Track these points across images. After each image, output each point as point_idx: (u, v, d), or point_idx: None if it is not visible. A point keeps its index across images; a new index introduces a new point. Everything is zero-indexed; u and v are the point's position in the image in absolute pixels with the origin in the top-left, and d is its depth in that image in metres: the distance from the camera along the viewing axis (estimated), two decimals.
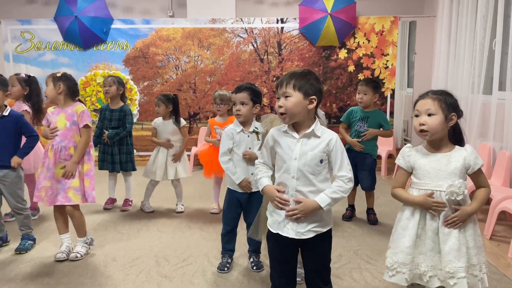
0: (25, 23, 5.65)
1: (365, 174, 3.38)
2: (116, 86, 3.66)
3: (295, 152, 1.66)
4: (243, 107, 2.41)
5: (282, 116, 1.67)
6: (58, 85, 2.64)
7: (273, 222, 1.73)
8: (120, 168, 3.73)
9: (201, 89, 5.79)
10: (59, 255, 2.67)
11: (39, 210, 3.58)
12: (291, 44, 5.70)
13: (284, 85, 1.65)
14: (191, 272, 2.51)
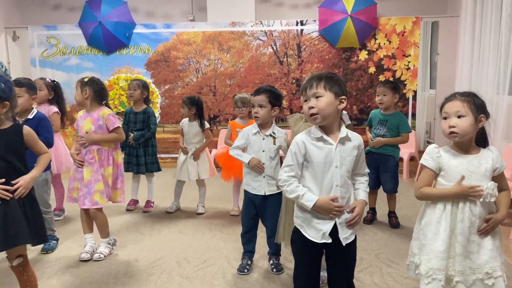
0: (51, 28, 5.82)
1: (387, 176, 3.34)
2: (140, 90, 3.74)
3: (335, 159, 1.65)
4: (261, 109, 2.41)
5: (313, 117, 1.64)
6: (85, 90, 2.70)
7: (316, 233, 1.69)
8: (145, 170, 3.80)
9: (221, 92, 5.83)
10: (84, 255, 2.73)
11: (64, 211, 3.67)
12: (310, 46, 5.69)
13: (314, 86, 1.64)
14: (212, 274, 2.54)
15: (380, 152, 3.34)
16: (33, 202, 1.90)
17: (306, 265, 1.77)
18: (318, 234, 1.69)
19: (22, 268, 1.91)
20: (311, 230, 1.71)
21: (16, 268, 1.90)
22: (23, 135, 1.86)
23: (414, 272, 1.80)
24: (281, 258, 2.61)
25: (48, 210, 2.92)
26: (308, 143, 1.68)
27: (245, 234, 2.58)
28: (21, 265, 1.90)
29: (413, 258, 1.82)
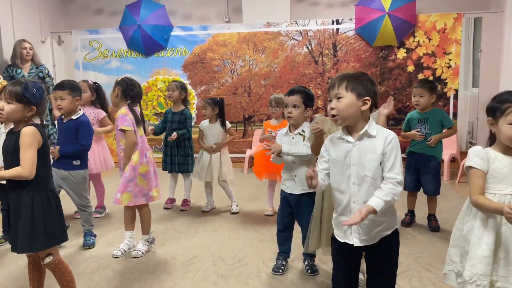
0: (93, 33, 6.05)
1: (429, 177, 3.23)
2: (178, 91, 3.83)
3: (352, 157, 1.61)
4: (295, 109, 2.41)
5: (334, 118, 1.63)
6: (116, 89, 2.78)
7: (340, 231, 1.69)
8: (178, 170, 3.87)
9: (255, 93, 5.86)
10: (116, 252, 2.83)
11: (105, 209, 3.81)
12: (346, 45, 5.61)
13: (336, 86, 1.61)
14: (246, 273, 2.55)
15: (422, 152, 3.24)
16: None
17: (344, 266, 1.75)
18: (341, 232, 1.68)
19: (54, 265, 1.97)
20: (337, 228, 1.71)
21: (48, 266, 1.97)
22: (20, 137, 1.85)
23: (455, 281, 1.72)
24: (316, 260, 2.59)
25: (88, 204, 3.02)
26: (329, 141, 1.70)
27: (280, 233, 2.59)
28: (52, 262, 1.96)
29: (452, 266, 1.73)
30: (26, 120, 1.91)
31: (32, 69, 4.77)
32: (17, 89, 1.83)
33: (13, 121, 1.91)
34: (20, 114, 1.87)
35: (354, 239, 1.64)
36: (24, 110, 1.87)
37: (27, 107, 1.87)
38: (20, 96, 1.84)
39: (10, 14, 5.15)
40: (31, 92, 1.85)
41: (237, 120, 5.88)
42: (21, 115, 1.87)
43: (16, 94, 1.83)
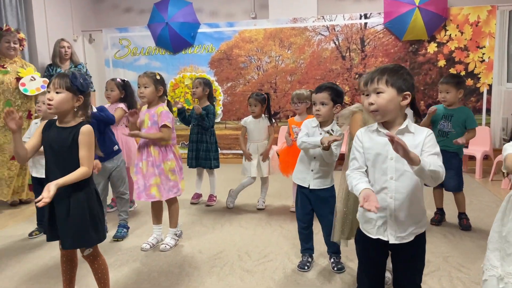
0: (123, 31, 6.19)
1: (451, 174, 3.14)
2: (202, 87, 3.86)
3: (390, 151, 1.54)
4: (323, 107, 2.38)
5: (374, 114, 1.58)
6: (159, 88, 2.80)
7: (371, 227, 1.65)
8: (202, 165, 3.91)
9: (281, 89, 5.85)
10: (144, 245, 2.90)
11: (134, 203, 3.90)
12: (375, 40, 5.51)
13: (376, 81, 1.56)
14: (272, 269, 2.56)
15: (444, 149, 3.15)
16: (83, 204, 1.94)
17: (370, 265, 1.72)
18: (373, 229, 1.64)
19: (92, 257, 2.03)
20: (366, 224, 1.67)
21: (87, 258, 2.03)
22: (79, 133, 1.87)
23: (496, 286, 1.64)
24: (342, 257, 2.57)
25: (127, 192, 3.19)
26: (364, 135, 1.65)
27: (302, 231, 2.58)
28: (91, 255, 2.02)
29: (493, 272, 1.64)
30: (74, 112, 1.92)
31: (71, 68, 4.93)
32: (65, 79, 1.87)
33: (61, 112, 1.89)
34: (70, 103, 1.88)
35: (390, 236, 1.60)
36: (73, 99, 1.89)
37: (75, 97, 1.89)
38: (69, 85, 1.87)
39: (43, 13, 5.32)
40: (79, 80, 1.89)
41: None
42: (70, 105, 1.88)
43: (65, 83, 1.87)
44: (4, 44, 3.90)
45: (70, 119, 1.91)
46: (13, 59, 4.00)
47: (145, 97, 2.78)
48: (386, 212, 1.59)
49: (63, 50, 4.84)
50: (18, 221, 3.62)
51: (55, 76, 1.91)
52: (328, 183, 2.45)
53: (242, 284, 2.38)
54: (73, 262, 2.11)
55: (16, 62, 4.02)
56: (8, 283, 2.46)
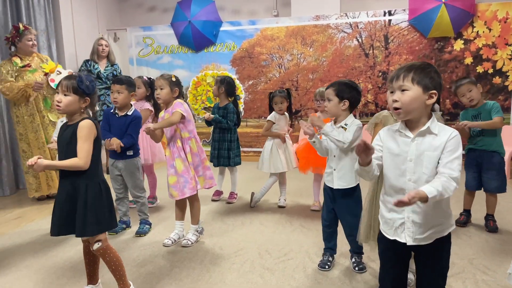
0: (147, 29, 6.28)
1: (492, 174, 3.05)
2: (217, 86, 3.88)
3: (410, 153, 1.54)
4: (329, 103, 2.41)
5: (397, 111, 1.54)
6: (175, 89, 2.83)
7: (389, 228, 1.63)
8: (223, 163, 3.93)
9: (303, 87, 5.82)
10: (166, 240, 2.94)
11: (156, 199, 3.96)
12: (399, 37, 5.41)
13: (401, 78, 1.52)
14: (292, 267, 2.56)
15: (483, 149, 3.07)
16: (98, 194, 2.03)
17: (392, 266, 1.69)
18: (390, 229, 1.62)
19: (102, 251, 2.07)
20: (385, 225, 1.65)
21: (97, 252, 2.07)
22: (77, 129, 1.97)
23: None
24: (364, 257, 2.54)
25: (141, 195, 3.18)
26: (387, 134, 1.63)
27: (325, 229, 2.57)
28: (101, 248, 2.06)
29: None
30: (81, 112, 2.04)
31: (107, 66, 5.07)
32: (72, 82, 1.99)
33: (69, 113, 2.03)
34: (76, 105, 2.00)
35: (407, 237, 1.57)
36: (80, 101, 2.01)
37: (82, 99, 2.01)
38: (76, 88, 1.98)
39: (70, 13, 5.45)
40: (85, 84, 1.99)
41: None
42: (77, 106, 2.01)
43: (72, 86, 1.98)
44: (27, 43, 4.01)
45: (77, 117, 2.04)
46: (31, 55, 4.11)
47: (160, 98, 2.83)
48: (403, 214, 1.57)
49: (101, 48, 4.99)
50: (45, 216, 3.72)
51: (63, 78, 2.02)
52: (352, 183, 2.42)
53: (262, 281, 2.39)
54: (95, 255, 2.16)
55: (34, 57, 4.13)
56: (34, 275, 2.54)
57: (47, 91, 4.07)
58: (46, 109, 4.08)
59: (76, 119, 2.03)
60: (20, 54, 4.04)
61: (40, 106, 4.05)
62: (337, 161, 2.40)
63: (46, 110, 4.08)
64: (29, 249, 2.95)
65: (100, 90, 5.05)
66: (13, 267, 2.65)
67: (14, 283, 2.44)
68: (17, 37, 4.00)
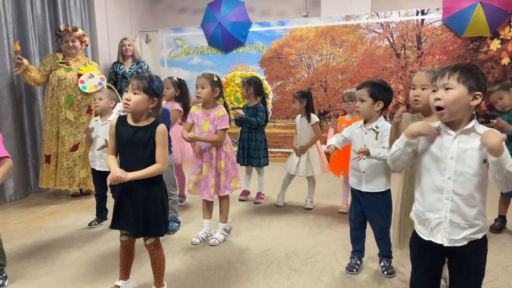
0: (178, 31, 6.38)
1: None
2: (245, 87, 3.91)
3: (451, 150, 1.49)
4: (362, 104, 2.34)
5: (439, 112, 1.49)
6: (216, 89, 2.84)
7: (425, 228, 1.59)
8: (251, 163, 3.95)
9: (332, 87, 5.76)
10: (194, 239, 2.99)
11: (185, 198, 4.03)
12: (432, 37, 5.28)
13: (447, 76, 1.48)
14: (319, 269, 2.54)
15: None
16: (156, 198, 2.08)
17: (424, 271, 1.65)
18: (426, 230, 1.58)
19: (154, 247, 2.14)
20: (420, 225, 1.61)
21: (149, 247, 2.14)
22: (155, 132, 2.01)
23: None
24: (393, 262, 2.50)
25: (173, 192, 3.25)
26: None
27: (353, 231, 2.54)
28: (153, 244, 2.13)
29: None
30: (148, 114, 2.05)
31: (133, 65, 5.21)
32: (143, 81, 2.00)
33: (137, 112, 2.01)
34: (145, 104, 2.01)
35: (443, 239, 1.52)
36: (148, 101, 2.01)
37: (151, 99, 2.02)
38: (147, 87, 1.99)
39: (105, 15, 5.62)
40: (156, 84, 2.01)
41: None
42: (145, 106, 2.01)
43: (143, 85, 1.99)
44: (64, 44, 4.19)
45: (144, 118, 2.05)
46: (76, 57, 4.26)
47: (201, 97, 2.84)
48: (440, 213, 1.52)
49: (124, 48, 5.13)
50: (79, 211, 3.86)
51: (134, 78, 2.03)
52: (382, 187, 2.38)
53: (289, 282, 2.39)
54: (131, 253, 2.23)
55: (79, 60, 4.28)
56: (69, 269, 2.64)
57: (74, 90, 4.20)
58: (66, 106, 4.18)
59: (143, 120, 2.03)
60: (65, 53, 4.24)
61: (61, 101, 4.16)
62: (366, 164, 2.37)
63: (66, 107, 4.17)
64: (64, 243, 3.06)
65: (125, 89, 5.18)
66: (48, 261, 2.75)
67: (49, 276, 2.54)
68: (58, 38, 4.21)
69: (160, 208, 2.05)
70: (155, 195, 2.04)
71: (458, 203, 1.49)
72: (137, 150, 2.00)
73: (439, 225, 1.53)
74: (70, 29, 4.21)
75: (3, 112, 4.14)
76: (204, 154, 2.90)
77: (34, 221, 3.62)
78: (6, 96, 4.17)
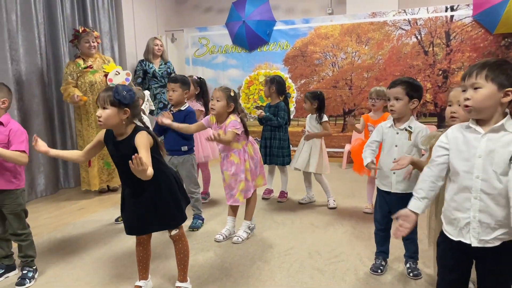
0: (202, 30, 6.43)
1: None
2: (268, 86, 3.91)
3: (479, 149, 1.45)
4: (397, 102, 2.27)
5: (467, 109, 1.47)
6: (230, 104, 2.80)
7: (453, 228, 1.55)
8: (274, 162, 3.94)
9: (357, 86, 5.69)
10: (218, 236, 3.01)
11: (209, 195, 4.06)
12: (462, 34, 5.13)
13: (474, 75, 1.44)
14: (343, 269, 2.52)
15: None
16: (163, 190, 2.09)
17: (452, 272, 1.60)
18: (455, 230, 1.53)
19: (178, 237, 2.19)
20: (449, 225, 1.56)
21: (174, 237, 2.19)
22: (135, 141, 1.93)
23: None
24: (419, 263, 2.44)
25: (195, 190, 3.28)
26: (455, 130, 1.55)
27: (378, 233, 2.49)
28: (178, 234, 2.18)
29: None
30: (125, 124, 1.97)
31: (161, 64, 5.30)
32: (109, 94, 1.93)
33: (112, 126, 1.98)
34: (117, 117, 1.94)
35: (472, 239, 1.48)
36: (119, 113, 1.94)
37: (121, 110, 1.94)
38: (113, 100, 1.91)
39: (132, 15, 5.72)
40: (122, 94, 1.93)
41: (337, 113, 5.78)
42: (118, 119, 1.94)
43: (109, 98, 1.92)
44: (84, 45, 4.24)
45: (123, 131, 1.99)
46: (94, 57, 4.35)
47: (215, 110, 2.81)
48: (469, 213, 1.48)
49: (156, 47, 5.22)
50: (106, 207, 3.95)
51: (101, 92, 1.98)
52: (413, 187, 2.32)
53: (312, 282, 2.37)
54: (147, 250, 2.25)
55: (97, 58, 4.37)
56: (96, 263, 2.71)
57: None
58: None
59: (123, 133, 1.99)
60: (83, 55, 4.30)
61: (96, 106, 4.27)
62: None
63: None
64: (91, 238, 3.14)
65: (156, 89, 5.26)
66: (76, 255, 2.83)
67: (77, 269, 2.62)
68: (75, 39, 4.27)
69: (170, 202, 2.07)
70: (163, 191, 2.05)
71: (487, 203, 1.44)
72: (126, 164, 1.83)
73: (468, 225, 1.49)
74: (89, 30, 4.30)
75: (35, 110, 4.28)
76: (224, 162, 2.92)
77: (63, 216, 3.73)
78: (37, 94, 4.31)
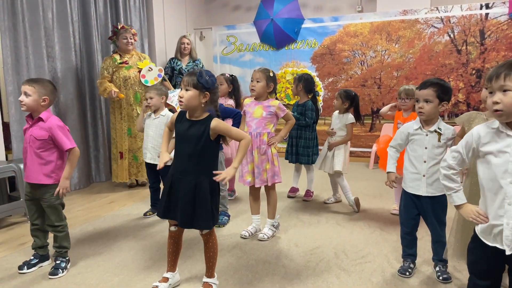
0: (230, 28, 6.47)
1: None
2: (295, 84, 3.90)
3: (511, 153, 1.42)
4: (427, 104, 2.21)
5: (497, 113, 1.42)
6: (270, 85, 2.92)
7: (487, 234, 1.52)
8: (300, 161, 3.93)
9: (386, 84, 5.59)
10: (244, 232, 3.04)
11: (235, 192, 4.09)
12: (497, 32, 4.96)
13: (502, 77, 1.40)
14: (370, 270, 2.49)
15: None
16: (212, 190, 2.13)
17: (483, 276, 1.57)
18: (489, 236, 1.49)
19: (209, 235, 2.21)
20: (483, 232, 1.52)
21: (204, 236, 2.21)
22: (210, 128, 2.06)
23: None
24: (450, 267, 2.39)
25: (222, 188, 3.31)
26: (484, 133, 1.50)
27: (405, 236, 2.44)
28: (208, 233, 2.20)
29: None
30: (203, 107, 2.09)
31: (189, 62, 5.39)
32: (193, 77, 2.08)
33: (191, 107, 2.08)
34: (197, 99, 2.06)
35: (506, 247, 1.44)
36: (200, 96, 2.06)
37: (202, 93, 2.06)
38: (196, 83, 2.06)
39: (162, 13, 5.81)
40: (205, 78, 2.06)
41: (365, 113, 5.70)
42: (197, 101, 2.06)
43: (193, 81, 2.07)
44: (122, 41, 4.39)
45: (199, 113, 2.11)
46: (130, 53, 4.46)
47: (255, 90, 2.91)
48: (502, 220, 1.44)
49: (183, 46, 5.30)
50: (135, 201, 4.04)
51: (185, 75, 2.11)
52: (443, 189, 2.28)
53: (338, 282, 2.36)
54: (179, 244, 2.30)
55: (133, 55, 4.49)
56: (125, 255, 2.78)
57: (139, 87, 4.41)
58: (136, 103, 4.41)
59: (199, 116, 2.09)
60: (120, 51, 4.43)
61: (130, 100, 4.40)
62: (427, 166, 2.27)
63: (136, 103, 4.42)
64: (121, 231, 3.23)
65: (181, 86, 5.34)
66: (107, 247, 2.92)
67: (107, 262, 2.69)
68: (114, 36, 4.41)
69: (208, 201, 2.08)
70: (204, 187, 2.07)
71: None
72: (190, 143, 2.07)
73: (501, 232, 1.45)
74: (127, 27, 4.42)
75: (69, 106, 4.42)
76: (256, 140, 2.91)
77: (94, 209, 3.85)
78: (72, 90, 4.45)
